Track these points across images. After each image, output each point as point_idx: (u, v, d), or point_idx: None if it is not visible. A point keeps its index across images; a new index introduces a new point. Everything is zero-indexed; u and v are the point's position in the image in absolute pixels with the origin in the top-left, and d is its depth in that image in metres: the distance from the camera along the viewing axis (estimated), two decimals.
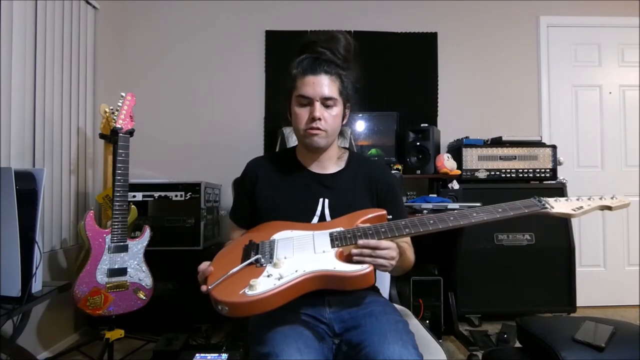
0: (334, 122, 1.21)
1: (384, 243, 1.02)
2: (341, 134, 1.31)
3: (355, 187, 1.26)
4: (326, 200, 1.22)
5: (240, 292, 0.92)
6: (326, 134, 1.20)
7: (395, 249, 1.05)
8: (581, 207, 1.07)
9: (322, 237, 1.07)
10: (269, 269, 0.99)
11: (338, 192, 1.24)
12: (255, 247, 1.08)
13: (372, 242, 1.02)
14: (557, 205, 1.08)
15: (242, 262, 1.03)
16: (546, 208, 1.07)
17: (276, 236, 1.12)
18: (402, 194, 2.71)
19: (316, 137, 1.20)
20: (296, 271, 0.97)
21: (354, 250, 1.02)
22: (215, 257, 1.12)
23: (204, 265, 1.07)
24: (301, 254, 1.03)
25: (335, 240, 1.05)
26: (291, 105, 1.23)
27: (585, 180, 3.24)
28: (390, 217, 1.15)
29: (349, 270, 0.96)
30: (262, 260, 1.02)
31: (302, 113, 1.20)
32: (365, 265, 0.97)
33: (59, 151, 2.38)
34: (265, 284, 0.94)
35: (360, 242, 1.02)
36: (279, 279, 0.95)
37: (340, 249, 1.03)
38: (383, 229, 1.05)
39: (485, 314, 2.76)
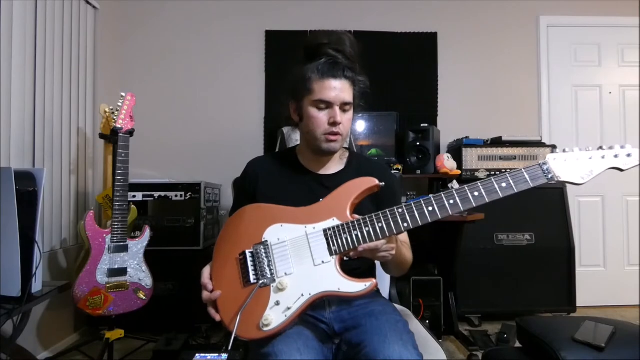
0: (349, 126, 1.23)
1: (383, 242, 1.03)
2: None
3: None
4: None
5: (257, 329, 0.98)
6: (342, 138, 1.21)
7: (393, 241, 1.07)
8: (591, 172, 0.98)
9: (318, 240, 1.05)
10: (273, 295, 1.01)
11: None
12: (251, 258, 1.07)
13: (372, 245, 1.02)
14: (564, 173, 0.99)
15: (244, 282, 1.05)
16: (553, 180, 0.99)
17: (267, 236, 1.09)
18: (402, 194, 2.70)
19: (334, 142, 1.20)
20: (302, 295, 0.99)
21: (353, 254, 1.03)
22: (213, 270, 1.12)
23: (206, 280, 1.09)
24: (300, 266, 1.03)
25: (332, 244, 1.03)
26: (304, 108, 1.21)
27: None
28: (383, 183, 1.11)
29: (354, 291, 0.99)
30: (265, 281, 1.03)
31: (321, 117, 1.18)
32: (368, 283, 0.99)
33: (59, 151, 2.38)
34: (277, 317, 0.98)
35: (360, 248, 1.02)
36: (287, 309, 0.99)
37: (339, 255, 1.03)
38: (380, 225, 1.02)
39: (485, 314, 2.76)
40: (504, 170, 2.75)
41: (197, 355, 1.57)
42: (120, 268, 1.99)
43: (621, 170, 0.98)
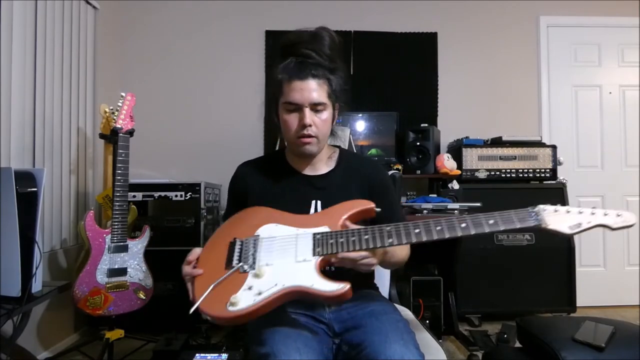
0: (324, 127, 1.19)
1: (364, 254, 1.01)
2: (331, 133, 1.27)
3: (347, 185, 1.24)
4: (318, 202, 1.20)
5: (222, 307, 0.96)
6: (317, 140, 1.18)
7: (376, 254, 1.04)
8: (579, 225, 0.98)
9: (305, 241, 1.05)
10: (250, 279, 1.00)
11: (330, 193, 1.21)
12: (239, 246, 1.08)
13: (352, 254, 1.00)
14: (553, 221, 0.99)
15: (226, 264, 1.05)
16: (540, 224, 0.99)
17: (261, 231, 1.10)
18: (402, 194, 2.71)
19: (308, 145, 1.18)
20: (275, 285, 0.97)
21: (334, 259, 1.01)
22: (202, 252, 1.11)
23: (192, 257, 1.09)
24: (282, 260, 1.03)
25: (317, 246, 1.03)
26: (279, 111, 1.21)
27: (585, 180, 3.24)
28: (379, 209, 1.11)
29: (326, 290, 0.96)
30: (245, 267, 1.02)
31: (292, 120, 1.17)
32: (342, 285, 0.95)
33: (59, 151, 2.38)
34: (245, 299, 0.96)
35: (340, 255, 1.00)
36: (258, 294, 0.96)
37: (321, 258, 1.01)
38: (366, 237, 1.01)
39: (485, 314, 2.76)
40: (503, 170, 2.80)
41: (197, 355, 1.58)
42: (120, 268, 1.99)
43: (611, 228, 0.97)
